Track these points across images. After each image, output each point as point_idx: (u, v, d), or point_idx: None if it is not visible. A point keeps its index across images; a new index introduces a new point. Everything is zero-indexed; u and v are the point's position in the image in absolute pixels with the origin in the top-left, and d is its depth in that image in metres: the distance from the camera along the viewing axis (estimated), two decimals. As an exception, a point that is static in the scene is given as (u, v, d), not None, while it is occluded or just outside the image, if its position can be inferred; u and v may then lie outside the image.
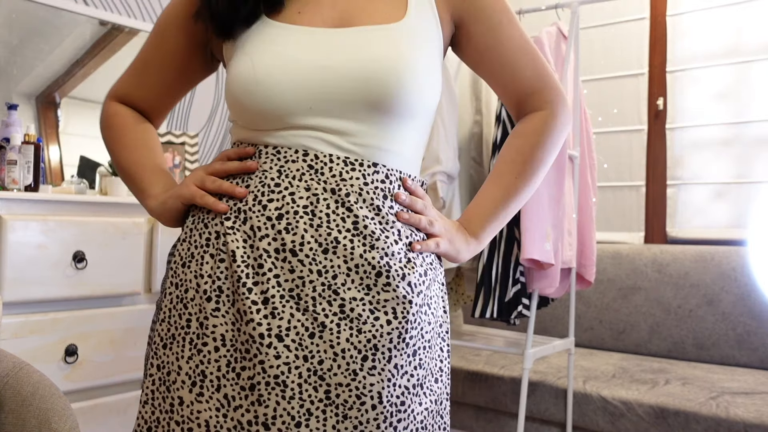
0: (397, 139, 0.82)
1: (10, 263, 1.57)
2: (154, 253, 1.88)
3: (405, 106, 0.80)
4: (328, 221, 0.77)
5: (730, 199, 2.73)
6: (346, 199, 0.78)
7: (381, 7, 0.84)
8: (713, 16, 2.80)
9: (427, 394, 0.81)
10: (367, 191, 0.79)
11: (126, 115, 0.96)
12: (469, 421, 2.31)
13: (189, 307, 0.80)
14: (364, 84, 0.78)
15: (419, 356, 0.80)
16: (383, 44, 0.80)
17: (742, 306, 2.40)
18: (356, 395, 0.75)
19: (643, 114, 2.94)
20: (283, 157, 0.80)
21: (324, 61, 0.79)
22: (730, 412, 1.80)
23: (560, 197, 1.77)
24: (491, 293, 1.77)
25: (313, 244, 0.77)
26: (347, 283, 0.77)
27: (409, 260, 0.81)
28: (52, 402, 1.19)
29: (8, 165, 1.71)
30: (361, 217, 0.78)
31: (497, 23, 0.88)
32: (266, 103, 0.79)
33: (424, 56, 0.82)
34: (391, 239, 0.79)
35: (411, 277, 0.79)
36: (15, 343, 1.58)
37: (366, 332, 0.76)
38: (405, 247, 0.81)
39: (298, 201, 0.78)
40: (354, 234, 0.78)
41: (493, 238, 1.78)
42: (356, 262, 0.77)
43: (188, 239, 0.83)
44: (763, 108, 2.66)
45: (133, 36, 2.41)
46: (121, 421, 1.79)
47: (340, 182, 0.78)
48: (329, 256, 0.77)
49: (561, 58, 1.92)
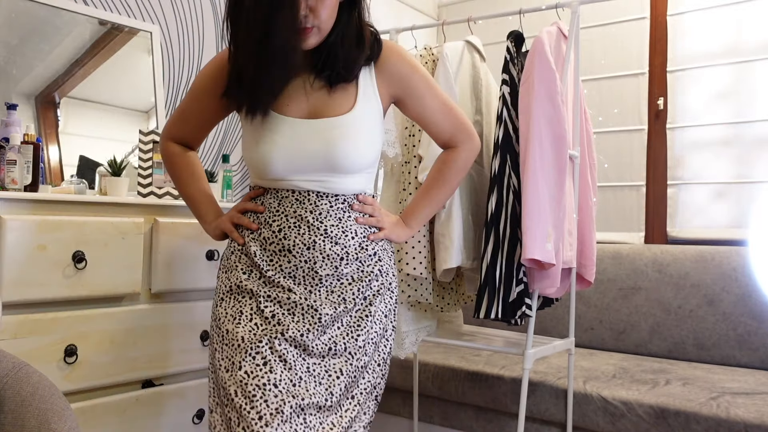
0: (350, 182, 1.33)
1: (10, 263, 1.57)
2: (154, 253, 1.88)
3: (350, 168, 1.30)
4: (308, 230, 1.30)
5: (730, 199, 2.73)
6: (319, 217, 1.31)
7: (337, 102, 1.31)
8: (713, 15, 2.80)
9: (376, 322, 1.35)
10: (332, 212, 1.32)
11: (181, 154, 1.51)
12: (469, 421, 2.30)
13: (231, 280, 1.34)
14: (324, 159, 1.29)
15: (369, 300, 1.35)
16: (336, 132, 1.29)
17: (742, 306, 2.40)
18: (334, 318, 1.31)
19: (643, 114, 2.93)
20: (280, 195, 1.34)
21: (301, 145, 1.29)
22: (731, 412, 1.80)
23: (561, 197, 1.77)
24: (495, 294, 1.76)
25: (300, 245, 1.30)
26: (323, 267, 1.30)
27: (363, 248, 1.34)
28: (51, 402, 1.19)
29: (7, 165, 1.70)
30: (328, 227, 1.31)
31: (422, 97, 1.38)
32: (268, 173, 1.32)
33: (364, 133, 1.31)
34: (348, 237, 1.33)
35: (362, 258, 1.34)
36: (14, 343, 1.57)
37: (336, 292, 1.32)
38: (360, 240, 1.34)
39: (290, 220, 1.32)
40: (324, 237, 1.30)
41: (497, 239, 1.78)
42: (327, 253, 1.30)
43: (229, 247, 1.40)
44: (763, 108, 2.66)
45: (132, 36, 2.41)
46: (121, 421, 1.79)
47: (315, 208, 1.31)
48: (310, 251, 1.30)
49: (561, 57, 1.91)
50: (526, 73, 1.81)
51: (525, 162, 1.75)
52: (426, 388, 2.37)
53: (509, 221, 1.79)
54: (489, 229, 1.79)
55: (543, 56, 1.78)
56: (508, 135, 1.82)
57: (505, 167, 1.81)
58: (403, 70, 1.36)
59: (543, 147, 1.75)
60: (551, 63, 1.78)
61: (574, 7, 1.93)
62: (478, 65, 2.03)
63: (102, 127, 2.30)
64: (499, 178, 1.80)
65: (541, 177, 1.74)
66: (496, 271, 1.77)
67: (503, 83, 1.84)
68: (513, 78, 1.86)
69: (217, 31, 2.76)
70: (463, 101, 1.96)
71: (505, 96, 1.83)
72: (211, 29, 2.74)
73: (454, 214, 1.86)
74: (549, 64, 1.77)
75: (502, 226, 1.79)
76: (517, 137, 1.83)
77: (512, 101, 1.83)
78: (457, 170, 1.45)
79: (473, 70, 2.02)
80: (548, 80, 1.76)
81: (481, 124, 2.02)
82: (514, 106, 1.84)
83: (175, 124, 1.50)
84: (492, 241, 1.78)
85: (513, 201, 1.80)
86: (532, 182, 1.73)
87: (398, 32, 2.31)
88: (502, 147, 1.81)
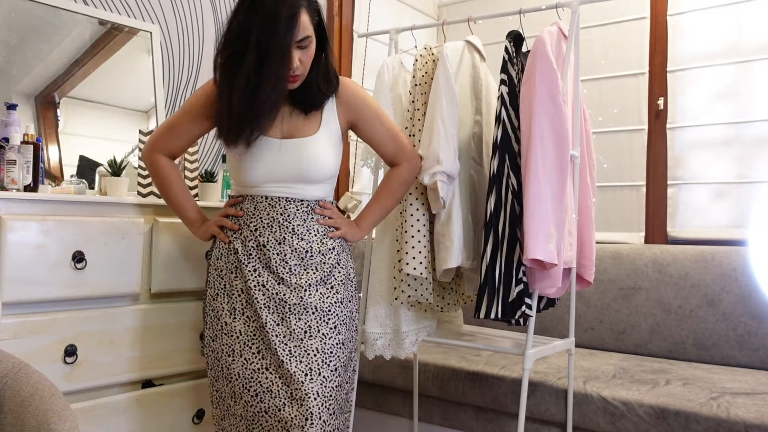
0: (313, 190, 1.65)
1: (10, 263, 1.57)
2: (154, 253, 1.87)
3: (316, 178, 1.63)
4: (279, 229, 1.61)
5: (730, 199, 2.73)
6: (288, 218, 1.62)
7: (306, 126, 1.63)
8: (713, 15, 2.79)
9: (343, 305, 1.65)
10: (298, 214, 1.63)
11: (172, 167, 1.74)
12: (469, 421, 2.30)
13: (222, 277, 1.65)
14: (296, 172, 1.61)
15: (335, 288, 1.65)
16: (305, 149, 1.61)
17: (742, 306, 2.40)
18: (303, 308, 1.60)
19: (643, 114, 2.93)
20: (257, 201, 1.64)
21: (278, 159, 1.60)
22: (731, 412, 1.80)
23: (563, 197, 1.77)
24: (495, 293, 1.76)
25: (272, 241, 1.61)
26: (292, 258, 1.61)
27: (323, 243, 1.65)
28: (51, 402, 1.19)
29: (7, 165, 1.70)
30: (296, 225, 1.62)
31: (372, 124, 1.72)
32: (248, 182, 1.63)
33: (328, 152, 1.64)
34: (312, 234, 1.64)
35: (323, 250, 1.64)
36: (14, 343, 1.57)
37: (304, 278, 1.61)
38: (322, 237, 1.65)
39: (265, 221, 1.62)
40: (293, 234, 1.61)
41: (496, 239, 1.78)
42: (295, 247, 1.61)
43: (218, 248, 1.69)
44: (763, 108, 2.66)
45: (132, 35, 2.41)
46: (121, 421, 1.79)
47: (285, 210, 1.62)
48: (281, 245, 1.61)
49: (562, 57, 1.91)
50: (528, 72, 1.81)
51: (527, 162, 1.75)
52: (426, 388, 2.37)
53: (508, 221, 1.79)
54: (488, 229, 1.79)
55: (544, 56, 1.78)
56: (507, 135, 1.82)
57: (503, 167, 1.80)
58: (356, 101, 1.69)
59: (545, 146, 1.74)
60: (553, 63, 1.78)
61: (574, 7, 1.93)
62: (478, 65, 2.03)
63: (102, 127, 2.30)
64: (497, 178, 1.80)
65: (543, 177, 1.73)
66: (495, 271, 1.77)
67: (502, 83, 1.84)
68: (511, 78, 1.86)
69: (217, 31, 2.76)
70: (463, 101, 1.96)
71: (504, 96, 1.83)
72: (211, 29, 2.74)
73: (454, 214, 1.86)
74: (551, 63, 1.77)
75: (501, 226, 1.79)
76: (516, 137, 1.83)
77: (511, 101, 1.83)
78: (400, 183, 1.78)
79: (473, 69, 2.02)
80: (550, 80, 1.76)
81: (481, 124, 2.02)
82: (512, 106, 1.84)
83: (161, 137, 1.72)
84: (491, 241, 1.78)
85: (512, 201, 1.80)
86: (533, 182, 1.72)
87: (398, 32, 2.31)
88: (501, 147, 1.81)
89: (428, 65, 1.98)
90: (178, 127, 1.70)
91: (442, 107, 1.83)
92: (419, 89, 1.95)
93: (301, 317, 1.58)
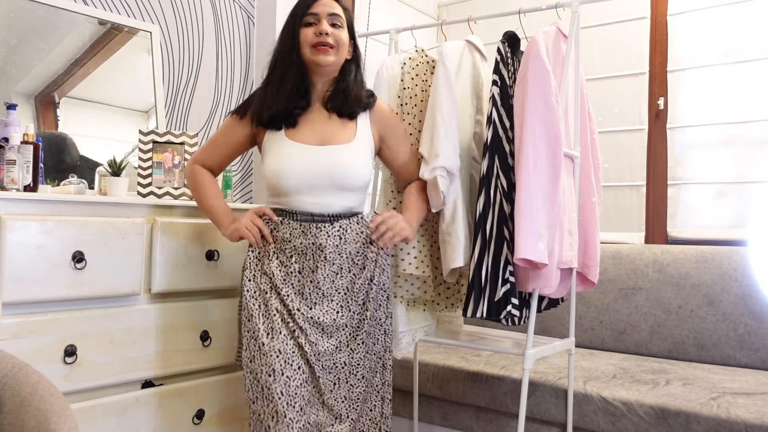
0: (348, 197, 1.70)
1: (9, 263, 1.57)
2: (154, 253, 1.87)
3: (351, 185, 1.68)
4: (313, 257, 1.67)
5: (730, 199, 2.73)
6: (321, 247, 1.65)
7: (342, 133, 1.70)
8: (713, 16, 2.79)
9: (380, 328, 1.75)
10: (330, 239, 1.66)
11: (204, 175, 1.81)
12: (469, 421, 2.30)
13: (256, 298, 1.66)
14: (332, 178, 1.65)
15: (371, 295, 1.71)
16: (342, 157, 1.67)
17: (743, 306, 2.40)
18: (335, 328, 1.68)
19: (643, 114, 2.93)
20: (292, 227, 1.66)
21: (314, 163, 1.65)
22: (731, 412, 1.80)
23: (555, 198, 1.76)
24: (481, 293, 1.77)
25: (306, 269, 1.68)
26: (324, 283, 1.67)
27: (355, 263, 1.71)
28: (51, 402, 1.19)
29: (7, 165, 1.70)
30: (328, 254, 1.66)
31: (400, 142, 1.83)
32: (284, 188, 1.66)
33: (362, 160, 1.70)
34: (343, 258, 1.69)
35: (354, 270, 1.71)
36: (14, 343, 1.57)
37: (336, 301, 1.70)
38: (354, 257, 1.70)
39: (299, 249, 1.67)
40: (324, 262, 1.66)
41: (484, 239, 1.78)
42: (327, 274, 1.67)
43: (253, 253, 1.70)
44: (763, 108, 2.66)
45: (132, 35, 2.41)
46: (121, 421, 1.78)
47: (315, 231, 1.65)
48: (314, 274, 1.67)
49: (561, 58, 1.91)
50: (521, 73, 1.81)
51: (519, 162, 1.75)
52: (426, 388, 2.37)
53: (496, 221, 1.79)
54: (477, 229, 1.80)
55: (537, 56, 1.78)
56: (497, 136, 1.82)
57: (493, 167, 1.81)
58: (390, 119, 1.80)
59: (537, 147, 1.75)
60: (545, 63, 1.78)
61: (574, 7, 1.93)
62: (479, 65, 2.03)
63: (102, 127, 2.30)
64: (487, 179, 1.80)
65: (534, 177, 1.73)
66: (482, 271, 1.77)
67: (493, 84, 1.85)
68: (503, 79, 1.86)
69: (217, 31, 2.76)
70: (463, 101, 1.96)
71: (495, 97, 1.83)
72: (211, 29, 2.74)
73: (459, 214, 1.86)
74: (543, 64, 1.77)
75: (489, 226, 1.79)
76: (507, 137, 1.84)
77: (502, 102, 1.84)
78: (422, 189, 1.86)
79: (474, 69, 2.02)
80: (542, 80, 1.76)
81: (482, 123, 2.02)
82: (504, 107, 1.84)
83: (204, 151, 1.82)
84: (479, 240, 1.79)
85: (500, 201, 1.80)
86: (525, 183, 1.72)
87: (398, 32, 2.30)
88: (491, 147, 1.81)
89: (419, 67, 1.97)
90: (219, 139, 1.81)
91: (441, 105, 1.83)
92: (408, 92, 1.94)
93: (332, 336, 1.66)
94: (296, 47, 1.68)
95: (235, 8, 2.84)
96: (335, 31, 1.67)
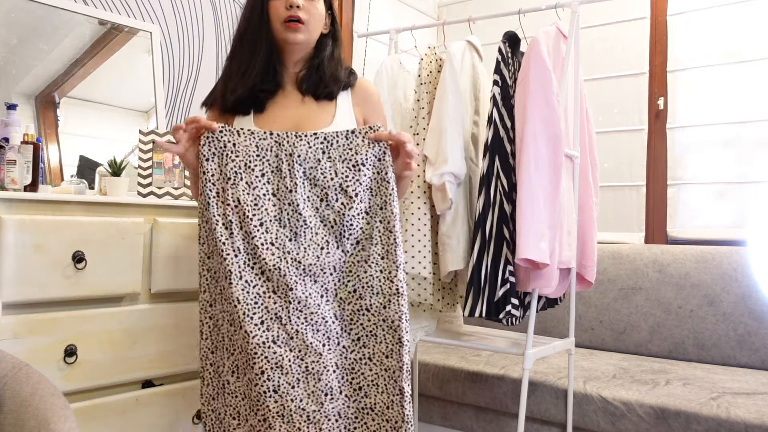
0: None
1: (9, 263, 1.57)
2: (154, 253, 1.87)
3: None
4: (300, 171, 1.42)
5: (730, 199, 2.73)
6: (294, 148, 1.40)
7: (318, 117, 1.49)
8: (713, 16, 2.79)
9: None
10: (312, 142, 1.43)
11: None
12: (469, 421, 2.30)
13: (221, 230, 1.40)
14: None
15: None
16: None
17: (743, 306, 2.40)
18: (320, 269, 1.38)
19: (643, 114, 2.93)
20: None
21: None
22: (731, 412, 1.80)
23: (556, 197, 1.77)
24: (480, 293, 1.77)
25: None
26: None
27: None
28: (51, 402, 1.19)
29: (7, 165, 1.70)
30: (305, 156, 1.42)
31: (382, 121, 1.59)
32: None
33: None
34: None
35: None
36: (14, 343, 1.57)
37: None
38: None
39: (279, 160, 1.42)
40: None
41: (484, 238, 1.78)
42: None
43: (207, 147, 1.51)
44: (763, 108, 2.66)
45: (132, 35, 2.41)
46: (121, 421, 1.78)
47: (293, 140, 1.41)
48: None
49: (561, 58, 1.91)
50: (522, 73, 1.81)
51: (520, 162, 1.75)
52: (426, 388, 2.37)
53: (496, 221, 1.79)
54: (476, 229, 1.80)
55: (539, 56, 1.78)
56: (498, 136, 1.82)
57: (493, 168, 1.81)
58: (373, 99, 1.60)
59: (538, 147, 1.75)
60: (547, 63, 1.78)
61: (574, 7, 1.93)
62: (477, 65, 2.03)
63: (102, 127, 2.30)
64: (487, 179, 1.80)
65: (536, 177, 1.74)
66: (481, 271, 1.77)
67: (494, 84, 1.85)
68: (504, 79, 1.86)
69: (217, 31, 2.76)
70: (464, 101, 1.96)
71: (496, 97, 1.83)
72: (211, 29, 2.74)
73: (459, 216, 1.87)
74: (545, 64, 1.77)
75: (489, 226, 1.79)
76: (509, 138, 1.84)
77: (503, 102, 1.84)
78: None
79: (473, 70, 2.02)
80: (544, 80, 1.77)
81: (479, 124, 2.02)
82: (504, 107, 1.84)
83: None
84: (479, 240, 1.79)
85: (500, 201, 1.80)
86: (526, 182, 1.73)
87: (398, 32, 2.31)
88: (492, 148, 1.81)
89: (432, 64, 1.98)
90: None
91: (449, 108, 1.83)
92: (424, 88, 1.94)
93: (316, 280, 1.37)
94: (265, 22, 1.47)
95: (235, 8, 2.84)
96: (307, 4, 1.47)
